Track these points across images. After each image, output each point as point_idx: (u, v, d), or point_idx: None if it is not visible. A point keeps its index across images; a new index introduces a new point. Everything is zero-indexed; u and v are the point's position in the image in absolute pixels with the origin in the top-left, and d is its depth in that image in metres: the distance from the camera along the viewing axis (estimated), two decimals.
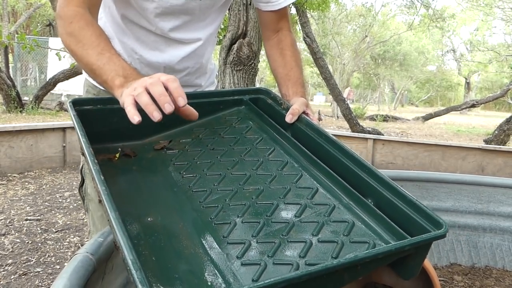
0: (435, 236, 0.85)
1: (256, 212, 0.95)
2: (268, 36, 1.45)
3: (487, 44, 25.75)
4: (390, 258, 0.84)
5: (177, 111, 0.90)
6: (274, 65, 1.42)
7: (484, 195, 1.76)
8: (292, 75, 1.36)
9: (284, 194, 1.00)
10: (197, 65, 1.40)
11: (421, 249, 0.87)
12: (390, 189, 0.96)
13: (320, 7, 8.54)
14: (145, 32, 1.27)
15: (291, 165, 1.07)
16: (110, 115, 1.09)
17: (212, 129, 1.20)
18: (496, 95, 14.00)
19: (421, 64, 27.86)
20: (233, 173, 1.06)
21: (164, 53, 1.31)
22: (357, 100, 31.00)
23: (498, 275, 1.64)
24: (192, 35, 1.32)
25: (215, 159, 1.10)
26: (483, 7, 19.06)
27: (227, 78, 4.18)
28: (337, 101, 9.61)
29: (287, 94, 1.31)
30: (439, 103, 35.17)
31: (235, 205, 0.97)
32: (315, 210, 0.97)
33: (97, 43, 1.00)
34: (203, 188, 1.01)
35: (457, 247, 1.76)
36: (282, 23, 1.43)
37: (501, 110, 33.08)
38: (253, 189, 1.01)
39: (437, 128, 14.64)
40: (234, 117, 1.24)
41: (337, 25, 21.25)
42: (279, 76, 1.38)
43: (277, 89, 1.40)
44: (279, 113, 1.19)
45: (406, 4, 19.07)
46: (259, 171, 1.07)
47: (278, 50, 1.41)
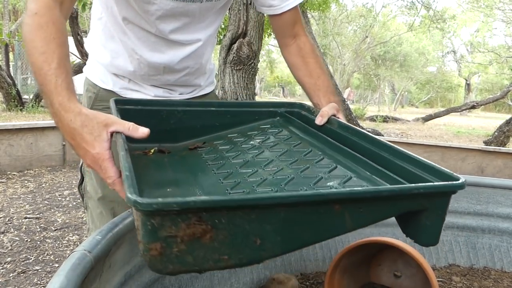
0: (451, 185, 0.80)
1: (271, 183, 0.95)
2: (285, 43, 1.40)
3: (488, 46, 25.78)
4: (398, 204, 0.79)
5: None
6: (299, 74, 1.37)
7: (483, 196, 1.76)
8: (321, 84, 1.32)
9: (302, 170, 0.99)
10: (196, 66, 1.40)
11: (437, 205, 0.81)
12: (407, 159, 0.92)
13: (320, 8, 8.55)
14: (145, 33, 1.27)
15: (326, 160, 1.05)
16: (149, 116, 1.12)
17: (245, 133, 1.22)
18: (496, 97, 14.00)
19: (421, 65, 27.88)
20: (257, 159, 1.06)
21: (164, 54, 1.31)
22: (357, 100, 31.02)
23: (497, 276, 1.64)
24: (192, 37, 1.32)
25: (242, 151, 1.11)
26: (484, 8, 19.07)
27: (227, 77, 4.18)
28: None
29: (320, 104, 1.28)
30: (439, 104, 35.17)
31: (253, 180, 0.96)
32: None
33: (43, 50, 0.96)
34: (226, 170, 1.02)
35: (456, 248, 1.76)
36: (297, 28, 1.39)
37: (501, 112, 33.07)
38: (271, 167, 1.02)
39: (437, 129, 14.63)
40: (268, 125, 1.26)
41: (338, 25, 21.26)
42: (307, 87, 1.34)
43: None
44: (313, 121, 1.19)
45: (407, 5, 19.07)
46: (281, 157, 1.06)
47: (300, 58, 1.37)
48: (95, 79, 1.39)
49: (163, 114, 1.18)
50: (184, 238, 0.67)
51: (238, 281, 1.53)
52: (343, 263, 1.46)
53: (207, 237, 0.68)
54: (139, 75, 1.34)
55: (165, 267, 0.68)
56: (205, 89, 1.50)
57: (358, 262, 1.54)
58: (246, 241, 0.70)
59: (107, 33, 1.31)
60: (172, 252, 0.67)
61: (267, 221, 0.70)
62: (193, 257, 0.68)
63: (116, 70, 1.35)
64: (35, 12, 0.98)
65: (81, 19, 12.40)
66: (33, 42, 0.96)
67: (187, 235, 0.66)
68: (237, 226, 0.69)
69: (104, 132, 0.90)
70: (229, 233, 0.69)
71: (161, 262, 0.68)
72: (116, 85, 1.37)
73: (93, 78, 1.40)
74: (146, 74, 1.33)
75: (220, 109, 1.25)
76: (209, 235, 0.68)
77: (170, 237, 0.66)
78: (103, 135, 0.90)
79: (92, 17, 1.39)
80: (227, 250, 0.70)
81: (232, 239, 0.69)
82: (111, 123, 0.92)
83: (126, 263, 1.10)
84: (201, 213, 0.66)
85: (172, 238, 0.66)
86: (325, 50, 20.04)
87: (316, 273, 1.69)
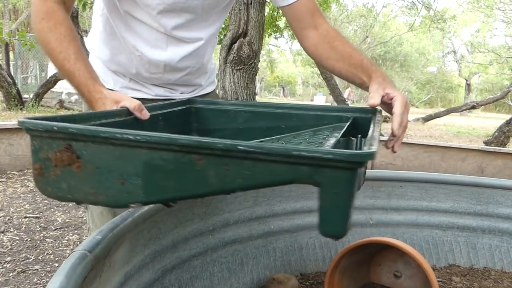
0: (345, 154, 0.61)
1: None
2: (305, 36, 1.31)
3: (488, 46, 25.77)
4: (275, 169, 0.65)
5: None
6: (329, 63, 1.27)
7: (483, 196, 1.76)
8: (356, 63, 1.20)
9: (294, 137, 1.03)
10: (198, 65, 1.39)
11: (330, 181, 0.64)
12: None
13: (320, 7, 8.55)
14: (147, 29, 1.27)
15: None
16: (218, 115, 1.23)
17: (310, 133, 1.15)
18: (496, 97, 13.98)
19: (421, 65, 27.91)
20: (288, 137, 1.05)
21: (165, 51, 1.30)
22: (358, 100, 30.99)
23: (497, 277, 1.64)
24: (194, 35, 1.32)
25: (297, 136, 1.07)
26: (484, 8, 19.06)
27: (227, 77, 4.18)
28: (337, 101, 9.60)
29: (365, 82, 1.18)
30: (439, 104, 35.16)
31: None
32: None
33: (59, 49, 1.07)
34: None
35: (456, 248, 1.76)
36: (316, 18, 1.30)
37: (501, 112, 33.06)
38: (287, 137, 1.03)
39: (437, 129, 14.63)
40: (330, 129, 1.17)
41: (338, 25, 21.26)
42: (344, 72, 1.23)
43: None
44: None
45: (407, 5, 19.07)
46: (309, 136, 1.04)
47: (325, 46, 1.27)
48: None
49: (231, 113, 1.24)
50: (57, 163, 0.74)
51: (238, 281, 1.53)
52: (343, 263, 1.46)
53: (75, 166, 0.73)
54: (140, 73, 1.33)
55: (45, 189, 0.77)
56: (206, 88, 1.50)
57: (358, 262, 1.53)
58: (111, 179, 0.73)
59: (108, 30, 1.31)
60: (49, 175, 0.75)
61: (128, 161, 0.71)
62: (67, 184, 0.75)
63: (117, 67, 1.35)
64: (42, 18, 1.08)
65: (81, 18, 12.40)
66: (49, 44, 1.07)
67: (58, 159, 0.73)
68: (101, 161, 0.72)
69: (114, 106, 1.02)
70: (95, 167, 0.73)
71: (42, 183, 0.76)
72: (116, 84, 1.37)
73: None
74: (147, 72, 1.33)
75: (285, 111, 1.21)
76: (77, 164, 0.73)
77: (47, 159, 0.74)
78: (113, 108, 1.01)
79: (93, 15, 1.39)
80: (95, 184, 0.74)
81: (98, 174, 0.73)
82: (120, 100, 1.02)
83: (126, 263, 1.10)
84: (71, 141, 0.72)
85: (48, 161, 0.74)
86: None
87: (316, 273, 1.69)
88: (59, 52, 1.06)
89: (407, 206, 1.79)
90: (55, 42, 1.07)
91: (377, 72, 1.16)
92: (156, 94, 1.38)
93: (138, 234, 1.14)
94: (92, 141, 0.71)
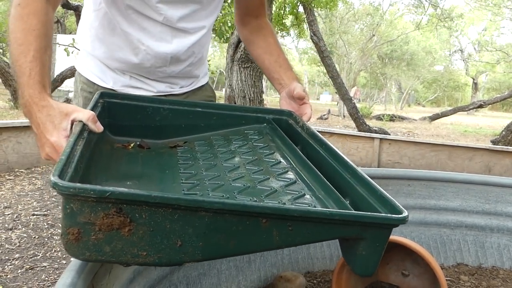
0: (388, 218, 0.77)
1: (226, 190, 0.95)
2: (247, 22, 1.47)
3: (495, 44, 25.63)
4: (331, 229, 0.77)
5: None
6: (258, 51, 1.45)
7: (492, 195, 1.75)
8: (282, 62, 1.41)
9: (261, 181, 0.99)
10: (199, 55, 1.38)
11: (374, 236, 0.79)
12: (364, 185, 0.91)
13: (327, 6, 8.52)
14: (151, 22, 1.24)
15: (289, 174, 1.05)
16: (134, 111, 1.14)
17: (227, 137, 1.23)
18: (504, 96, 13.91)
19: (428, 64, 27.76)
20: (224, 164, 1.07)
21: (171, 43, 1.28)
22: (364, 99, 30.93)
23: (505, 276, 1.63)
24: (197, 24, 1.31)
25: (214, 155, 1.12)
26: (492, 7, 18.95)
27: (235, 75, 4.17)
28: (343, 100, 9.58)
29: (282, 79, 1.37)
30: (446, 103, 35.02)
31: (211, 183, 0.97)
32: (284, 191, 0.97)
33: (21, 41, 0.97)
34: (192, 171, 1.02)
35: (464, 247, 1.76)
36: (261, 9, 1.46)
37: (509, 111, 32.89)
38: (234, 174, 1.02)
39: (444, 128, 14.57)
40: (252, 131, 1.27)
41: (345, 24, 21.21)
42: (267, 62, 1.42)
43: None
44: (296, 132, 1.22)
45: (414, 4, 18.99)
46: (248, 165, 1.08)
47: (261, 37, 1.45)
48: (91, 76, 1.34)
49: (149, 110, 1.20)
50: (102, 227, 0.67)
51: (246, 279, 1.53)
52: None
53: (126, 230, 0.68)
54: (144, 68, 1.30)
55: (81, 253, 0.69)
56: (201, 80, 1.48)
57: None
58: (166, 240, 0.70)
59: (107, 25, 1.25)
60: (89, 239, 0.68)
61: (189, 224, 0.70)
62: (111, 248, 0.69)
63: (118, 64, 1.30)
64: (18, 3, 1.00)
65: None
66: (14, 33, 0.98)
67: (105, 224, 0.67)
68: (158, 224, 0.69)
69: (65, 121, 0.92)
70: (149, 230, 0.69)
71: (78, 247, 0.68)
72: (116, 83, 1.32)
73: (89, 75, 1.34)
74: (152, 66, 1.29)
75: (207, 110, 1.26)
76: (128, 228, 0.68)
77: (88, 224, 0.67)
78: (63, 123, 0.92)
79: (85, 10, 1.33)
80: (146, 246, 0.70)
81: (152, 236, 0.69)
82: (71, 112, 0.93)
83: None
84: (122, 205, 0.67)
85: (90, 225, 0.67)
86: (331, 48, 19.99)
87: (324, 271, 1.69)
88: (19, 44, 0.97)
89: (415, 205, 1.79)
90: (20, 32, 0.97)
91: (296, 78, 1.38)
92: (158, 90, 1.35)
93: None
94: (149, 206, 0.68)
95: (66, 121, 0.92)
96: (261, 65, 1.46)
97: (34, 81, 0.95)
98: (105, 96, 1.12)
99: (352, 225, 0.76)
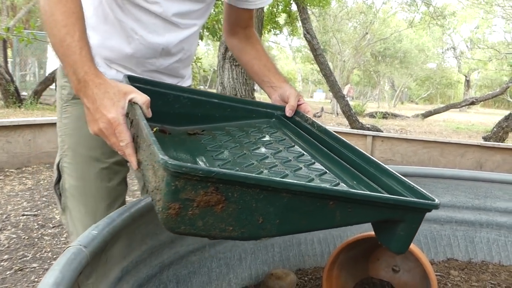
0: (426, 204, 0.90)
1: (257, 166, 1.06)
2: (235, 32, 1.53)
3: (487, 42, 25.76)
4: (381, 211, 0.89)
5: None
6: (247, 57, 1.51)
7: (481, 190, 1.76)
8: (270, 66, 1.47)
9: (295, 169, 1.08)
10: (188, 53, 1.38)
11: (412, 219, 0.91)
12: (390, 177, 1.03)
13: (320, 4, 8.53)
14: (146, 14, 1.23)
15: (317, 165, 1.14)
16: (156, 97, 1.16)
17: (242, 128, 1.31)
18: (495, 93, 13.98)
19: (421, 61, 27.84)
20: (253, 153, 1.15)
21: (163, 36, 1.27)
22: (357, 97, 31.02)
23: (494, 270, 1.64)
24: (191, 21, 1.32)
25: (240, 144, 1.20)
26: (484, 5, 19.04)
27: (226, 73, 4.16)
28: (336, 98, 9.59)
29: (272, 82, 1.44)
30: (438, 101, 35.17)
31: (250, 170, 1.05)
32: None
33: (64, 23, 0.99)
34: (225, 158, 1.10)
35: (454, 242, 1.76)
36: (250, 21, 1.52)
37: (500, 108, 33.09)
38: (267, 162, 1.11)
39: (436, 125, 14.63)
40: (264, 125, 1.35)
41: (338, 22, 21.22)
42: (256, 67, 1.48)
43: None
44: (307, 128, 1.29)
45: (407, 2, 19.03)
46: (276, 155, 1.16)
47: (249, 45, 1.52)
48: None
49: (170, 97, 1.25)
50: (200, 204, 0.74)
51: (237, 277, 1.53)
52: (341, 258, 1.46)
53: (219, 207, 0.76)
54: (134, 58, 1.28)
55: (177, 227, 0.76)
56: (186, 82, 1.47)
57: (356, 257, 1.53)
58: (250, 217, 0.78)
59: (100, 14, 1.24)
60: (187, 214, 0.75)
61: (271, 204, 0.79)
62: (203, 222, 0.76)
63: (108, 53, 1.27)
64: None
65: None
66: (53, 15, 1.00)
67: (203, 201, 0.74)
68: (246, 202, 0.77)
69: (123, 99, 0.97)
70: (238, 207, 0.77)
71: (175, 221, 0.75)
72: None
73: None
74: (142, 57, 1.28)
75: (222, 102, 1.33)
76: (221, 205, 0.76)
77: (188, 200, 0.74)
78: (121, 101, 0.97)
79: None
80: (233, 222, 0.78)
81: (239, 213, 0.77)
82: (130, 92, 0.99)
83: (123, 258, 1.10)
84: (219, 184, 0.74)
85: (190, 201, 0.74)
86: (325, 46, 20.00)
87: (315, 268, 1.69)
88: (63, 25, 0.98)
89: None
90: (61, 15, 0.99)
91: (286, 81, 1.45)
92: None
93: (135, 230, 1.14)
94: (241, 186, 0.75)
95: (124, 100, 0.97)
96: (250, 70, 1.52)
97: (87, 59, 0.99)
98: (131, 80, 1.16)
99: (399, 209, 0.89)
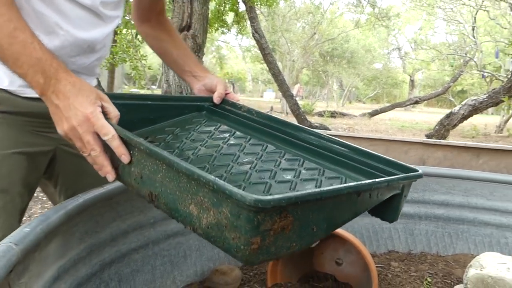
0: (418, 175, 1.02)
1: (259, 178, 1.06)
2: (148, 18, 1.45)
3: (430, 43, 26.69)
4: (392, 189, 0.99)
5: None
6: (165, 46, 1.45)
7: (420, 184, 1.82)
8: (190, 55, 1.44)
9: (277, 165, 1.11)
10: (107, 50, 1.31)
11: (405, 189, 1.02)
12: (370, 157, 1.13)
13: (267, 3, 8.58)
14: (70, 3, 1.11)
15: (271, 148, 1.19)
16: None
17: (183, 128, 1.24)
18: (438, 92, 14.57)
19: (368, 61, 28.55)
20: (220, 152, 1.13)
21: (88, 31, 1.17)
22: (306, 96, 31.45)
23: (432, 260, 1.70)
24: (116, 13, 1.25)
25: (199, 146, 1.15)
26: (426, 7, 19.73)
27: (171, 71, 4.12)
28: (285, 97, 9.71)
29: (195, 71, 1.40)
30: (385, 100, 36.21)
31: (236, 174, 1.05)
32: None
33: (8, 17, 0.90)
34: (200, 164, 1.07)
35: (395, 235, 1.82)
36: (161, 5, 1.46)
37: (443, 107, 34.46)
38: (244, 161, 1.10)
39: (382, 124, 15.06)
40: (200, 119, 1.30)
41: (287, 22, 21.44)
42: (175, 56, 1.43)
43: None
44: (239, 114, 1.29)
45: (353, 3, 19.49)
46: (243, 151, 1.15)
47: (164, 31, 1.45)
48: None
49: None
50: (276, 231, 0.72)
51: (181, 274, 1.52)
52: None
53: (289, 228, 0.74)
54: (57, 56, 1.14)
55: (257, 259, 0.73)
56: (93, 81, 1.37)
57: (301, 251, 1.55)
58: (307, 229, 0.79)
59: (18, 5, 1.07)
60: (264, 244, 0.72)
61: (322, 211, 0.81)
62: (276, 247, 0.75)
63: None
64: None
65: None
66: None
67: (279, 227, 0.73)
68: (306, 217, 0.78)
69: (98, 100, 0.92)
70: (300, 224, 0.77)
71: (257, 254, 0.72)
72: (14, 83, 1.14)
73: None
74: (66, 55, 1.15)
75: (156, 103, 1.26)
76: (290, 226, 0.75)
77: (267, 230, 0.71)
78: (98, 101, 0.92)
79: None
80: (296, 238, 0.78)
81: (300, 228, 0.77)
82: (103, 97, 0.94)
83: (59, 257, 1.06)
84: (289, 207, 0.73)
85: (267, 231, 0.72)
86: (274, 46, 20.17)
87: (259, 264, 1.70)
88: (7, 20, 0.89)
89: None
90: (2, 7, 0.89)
91: (208, 71, 1.42)
92: None
93: (72, 228, 1.11)
94: (302, 202, 0.74)
95: (99, 101, 0.92)
96: (169, 59, 1.47)
97: (51, 56, 0.92)
98: None
99: (400, 184, 0.99)
